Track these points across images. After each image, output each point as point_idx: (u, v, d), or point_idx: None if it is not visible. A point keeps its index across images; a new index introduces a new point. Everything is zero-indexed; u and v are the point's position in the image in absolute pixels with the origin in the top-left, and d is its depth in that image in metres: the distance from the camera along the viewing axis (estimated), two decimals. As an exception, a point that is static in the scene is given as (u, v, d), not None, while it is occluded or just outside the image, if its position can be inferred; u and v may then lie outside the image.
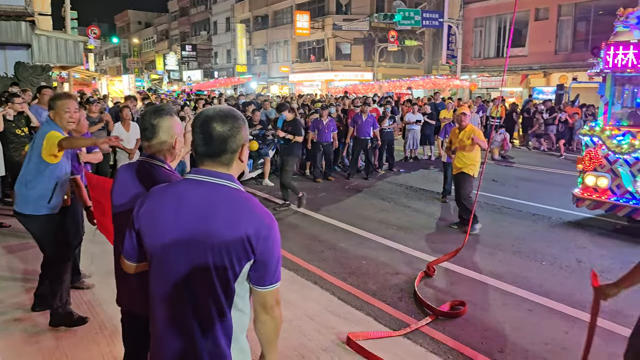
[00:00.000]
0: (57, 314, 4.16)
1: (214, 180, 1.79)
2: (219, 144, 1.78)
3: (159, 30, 65.91)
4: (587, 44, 21.24)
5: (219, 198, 1.76)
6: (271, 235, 1.76)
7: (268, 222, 1.76)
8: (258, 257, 1.75)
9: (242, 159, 1.87)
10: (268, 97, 19.61)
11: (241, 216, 1.74)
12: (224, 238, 1.71)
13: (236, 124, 1.82)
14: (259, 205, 1.81)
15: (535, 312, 4.84)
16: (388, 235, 7.26)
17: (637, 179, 7.09)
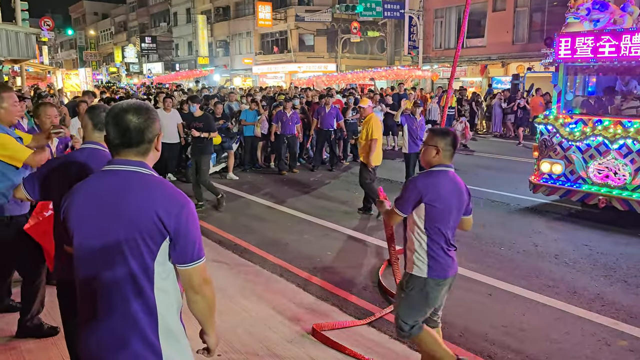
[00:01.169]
0: (26, 327, 3.95)
1: (126, 168, 1.89)
2: (136, 134, 1.88)
3: (116, 22, 64.14)
4: (542, 34, 21.80)
5: (130, 183, 1.86)
6: (183, 213, 1.84)
7: (179, 201, 1.86)
8: (173, 236, 1.83)
9: (157, 148, 1.99)
10: (232, 89, 19.36)
11: (151, 197, 1.83)
12: (135, 219, 1.80)
13: (150, 115, 1.93)
14: (171, 186, 1.91)
15: (495, 296, 5.01)
16: (352, 226, 7.35)
17: (589, 165, 7.38)
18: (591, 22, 7.47)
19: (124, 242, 1.81)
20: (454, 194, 3.24)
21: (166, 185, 1.91)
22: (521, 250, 6.31)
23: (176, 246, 1.85)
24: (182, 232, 1.84)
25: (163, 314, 1.87)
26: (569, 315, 4.62)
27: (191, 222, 1.87)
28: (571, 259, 6.01)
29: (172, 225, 1.82)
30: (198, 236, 1.90)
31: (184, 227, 1.84)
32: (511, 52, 23.77)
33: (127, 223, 1.81)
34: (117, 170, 1.89)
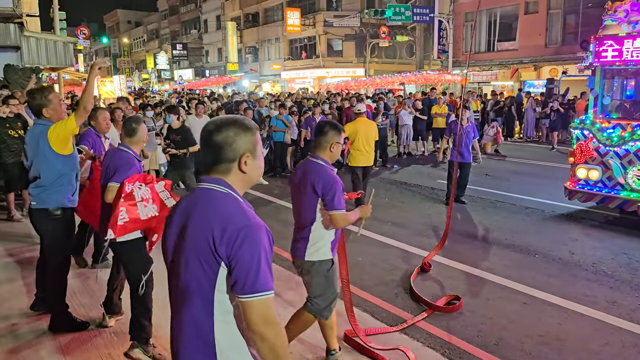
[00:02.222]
0: (59, 319, 4.18)
1: (203, 185, 1.80)
2: (214, 152, 1.78)
3: (149, 30, 65.52)
4: (577, 36, 21.35)
5: (197, 201, 1.77)
6: (238, 235, 1.63)
7: (236, 221, 1.66)
8: (227, 261, 1.65)
9: (243, 170, 1.79)
10: (262, 96, 19.56)
11: (209, 216, 1.69)
12: (194, 240, 1.70)
13: (231, 132, 1.77)
14: (234, 204, 1.73)
15: (530, 305, 4.90)
16: (383, 232, 7.31)
17: (628, 171, 7.17)
18: (629, 24, 7.27)
19: (186, 264, 1.71)
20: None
21: (228, 203, 1.72)
22: (557, 258, 6.17)
23: (231, 273, 1.65)
24: (235, 257, 1.63)
25: (223, 349, 1.70)
26: (608, 325, 4.48)
27: (247, 247, 1.63)
28: (609, 268, 5.84)
29: (224, 249, 1.64)
30: (256, 265, 1.63)
31: (237, 251, 1.63)
32: (544, 55, 23.31)
33: (189, 244, 1.71)
34: (196, 188, 1.82)
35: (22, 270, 5.54)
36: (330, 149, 3.42)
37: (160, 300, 3.73)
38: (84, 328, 4.22)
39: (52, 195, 4.05)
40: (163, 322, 3.01)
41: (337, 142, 3.43)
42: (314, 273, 3.45)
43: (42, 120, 4.11)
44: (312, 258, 3.43)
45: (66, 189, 4.12)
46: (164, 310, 2.16)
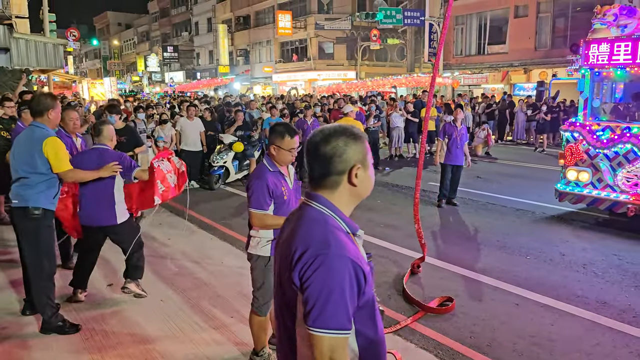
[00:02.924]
0: (50, 322, 4.15)
1: (306, 201, 1.66)
2: (319, 165, 1.63)
3: (139, 32, 65.26)
4: (566, 40, 21.56)
5: (298, 216, 1.65)
6: (314, 260, 1.47)
7: (319, 248, 1.49)
8: (299, 286, 1.50)
9: (353, 182, 1.64)
10: (249, 98, 19.55)
11: (298, 234, 1.57)
12: (283, 259, 1.60)
13: (341, 141, 1.62)
14: (325, 230, 1.55)
15: (522, 306, 4.93)
16: (376, 234, 7.32)
17: (617, 172, 7.24)
18: (618, 27, 7.35)
19: (280, 278, 1.62)
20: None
21: (318, 225, 1.57)
22: (548, 260, 6.21)
23: (302, 299, 1.49)
24: (305, 283, 1.48)
25: None
26: (599, 326, 4.52)
27: (319, 275, 1.46)
28: (600, 269, 5.89)
29: (297, 272, 1.50)
30: (326, 296, 1.44)
31: (308, 278, 1.47)
32: (534, 58, 23.52)
33: (282, 259, 1.62)
34: (301, 203, 1.70)
35: (12, 274, 5.48)
36: (271, 150, 3.45)
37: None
38: (75, 331, 4.20)
39: (36, 194, 4.04)
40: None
41: (275, 145, 3.40)
42: (253, 265, 3.59)
43: (39, 122, 4.12)
44: (252, 251, 3.57)
45: (51, 191, 4.14)
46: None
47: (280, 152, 3.40)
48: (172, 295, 5.03)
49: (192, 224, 7.81)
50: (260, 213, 3.38)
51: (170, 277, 5.47)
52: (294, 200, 3.54)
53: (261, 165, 3.51)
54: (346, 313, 1.46)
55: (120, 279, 5.19)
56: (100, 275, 5.57)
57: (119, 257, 6.02)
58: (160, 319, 4.50)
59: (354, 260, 1.49)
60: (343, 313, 1.46)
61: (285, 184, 3.47)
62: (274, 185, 3.38)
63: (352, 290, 1.47)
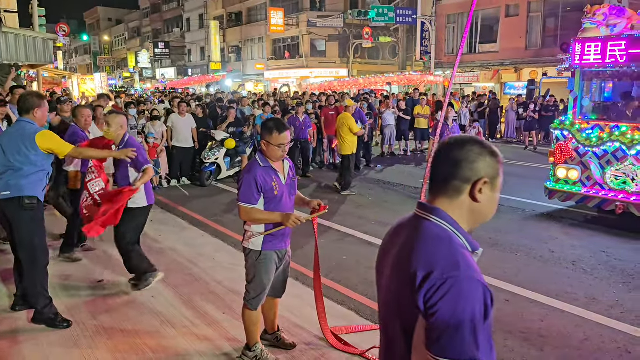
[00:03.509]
0: (43, 313, 4.18)
1: (421, 213, 1.54)
2: (445, 168, 1.50)
3: (130, 28, 64.79)
4: (556, 39, 21.69)
5: (412, 230, 1.52)
6: (443, 287, 1.33)
7: (447, 270, 1.36)
8: (424, 311, 1.36)
9: (475, 198, 1.50)
10: (241, 95, 19.52)
11: (418, 251, 1.43)
12: (396, 278, 1.49)
13: (476, 150, 1.49)
14: (451, 248, 1.42)
15: (512, 302, 4.97)
16: (367, 231, 7.34)
17: (606, 171, 7.32)
18: (608, 27, 7.42)
19: (391, 295, 1.51)
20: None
21: (442, 243, 1.44)
22: (538, 257, 6.27)
23: (427, 326, 1.37)
24: (432, 309, 1.34)
25: None
26: (588, 321, 4.57)
27: (448, 301, 1.32)
28: (589, 266, 5.95)
29: (422, 296, 1.36)
30: (455, 325, 1.32)
31: (436, 303, 1.33)
32: (524, 57, 23.65)
33: (394, 276, 1.50)
34: (414, 213, 1.57)
35: (1, 271, 5.44)
36: (262, 145, 3.49)
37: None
38: (66, 326, 4.18)
39: (31, 185, 4.08)
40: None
41: (265, 140, 3.43)
42: (246, 258, 3.61)
43: (27, 119, 4.17)
44: (245, 244, 3.60)
45: (43, 183, 4.22)
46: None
47: (270, 147, 3.42)
48: (163, 291, 5.02)
49: (183, 220, 7.80)
50: (247, 207, 3.42)
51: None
52: (286, 196, 3.55)
53: (253, 160, 3.54)
54: (475, 342, 1.34)
55: (113, 276, 5.18)
56: (94, 270, 5.55)
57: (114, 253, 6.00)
58: (152, 315, 4.49)
59: (483, 284, 1.37)
60: (472, 342, 1.33)
61: (277, 180, 3.47)
62: (263, 180, 3.40)
63: (481, 316, 1.35)
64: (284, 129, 3.42)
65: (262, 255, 3.54)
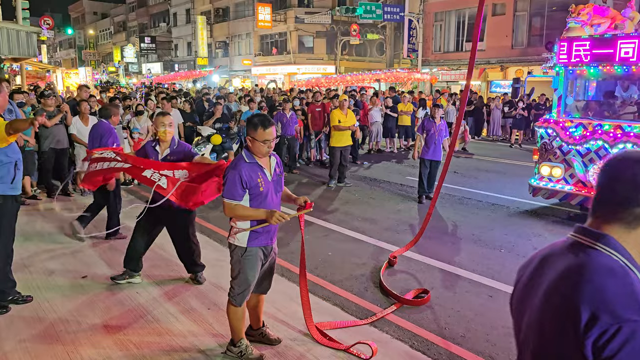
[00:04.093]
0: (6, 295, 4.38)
1: (581, 238, 1.33)
2: (623, 189, 1.27)
3: (115, 22, 64.09)
4: (542, 39, 21.91)
5: (572, 257, 1.30)
6: (619, 335, 1.13)
7: (623, 314, 1.14)
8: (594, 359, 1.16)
9: None
10: (228, 90, 19.42)
11: (581, 286, 1.21)
12: (550, 306, 1.28)
13: None
14: (626, 286, 1.19)
15: (495, 298, 5.03)
16: (353, 227, 7.37)
17: (589, 168, 7.42)
18: (592, 27, 7.51)
19: (536, 330, 1.32)
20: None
21: (614, 278, 1.21)
22: (521, 253, 6.34)
23: None
24: (609, 359, 1.14)
25: None
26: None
27: (631, 351, 1.12)
28: (571, 262, 6.03)
29: (590, 343, 1.16)
30: None
31: (614, 354, 1.13)
32: (510, 56, 23.85)
33: (544, 310, 1.30)
34: (571, 239, 1.37)
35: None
36: (247, 141, 3.48)
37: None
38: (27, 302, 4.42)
39: None
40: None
41: (250, 136, 3.42)
42: (231, 254, 3.61)
43: None
44: (231, 240, 3.59)
45: (7, 177, 4.16)
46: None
47: (255, 143, 3.41)
48: (148, 287, 4.99)
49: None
50: (231, 203, 3.41)
51: (146, 268, 5.41)
52: (272, 193, 3.54)
53: (239, 156, 3.53)
54: None
55: (97, 271, 5.13)
56: (78, 266, 5.50)
57: (99, 250, 5.96)
58: (136, 311, 4.46)
59: None
60: None
61: (262, 176, 3.47)
62: (248, 176, 3.39)
63: None
64: (269, 125, 3.41)
65: (248, 251, 3.53)
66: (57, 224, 7.04)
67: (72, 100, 10.87)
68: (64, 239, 6.42)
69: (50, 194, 8.55)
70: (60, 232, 6.69)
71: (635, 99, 8.11)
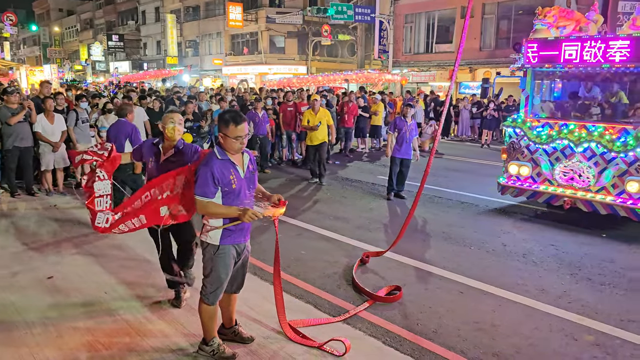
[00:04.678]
0: None
1: None
2: None
3: (82, 19, 62.63)
4: (509, 41, 22.40)
5: None
6: None
7: None
8: None
9: None
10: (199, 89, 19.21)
11: None
12: None
13: None
14: None
15: (466, 294, 5.10)
16: (326, 226, 7.37)
17: (555, 167, 7.60)
18: (558, 29, 7.70)
19: None
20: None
21: None
22: (491, 250, 6.45)
23: None
24: None
25: None
26: (537, 311, 4.74)
27: None
28: (538, 258, 6.17)
29: None
30: None
31: None
32: (478, 58, 24.29)
33: None
34: None
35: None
36: (219, 138, 3.45)
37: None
38: None
39: None
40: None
41: (222, 133, 3.38)
42: (204, 252, 3.56)
43: None
44: (203, 238, 3.55)
45: None
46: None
47: (227, 140, 3.38)
48: (117, 287, 4.88)
49: (138, 216, 7.60)
50: (203, 200, 3.36)
51: (115, 269, 5.30)
52: (245, 190, 3.50)
53: (211, 152, 3.47)
54: None
55: (63, 272, 4.99)
56: (43, 267, 5.35)
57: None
58: (105, 312, 4.36)
59: None
60: None
61: (235, 173, 3.42)
62: (220, 173, 3.34)
63: None
64: (241, 121, 3.37)
65: (220, 249, 3.49)
66: (22, 224, 6.83)
67: (37, 97, 10.56)
68: (28, 239, 6.23)
69: (14, 194, 8.29)
70: (24, 232, 6.49)
71: (599, 99, 8.37)
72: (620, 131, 6.98)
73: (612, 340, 4.23)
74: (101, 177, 3.88)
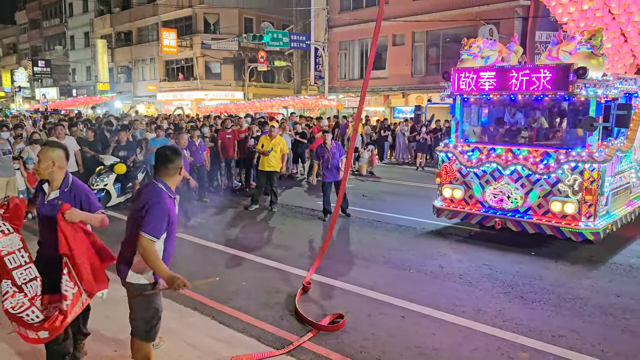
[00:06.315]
0: None
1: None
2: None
3: (5, 44, 59.74)
4: (439, 67, 23.44)
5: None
6: None
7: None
8: None
9: None
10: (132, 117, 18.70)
11: None
12: None
13: None
14: None
15: (407, 318, 5.18)
16: (266, 254, 7.30)
17: (485, 189, 7.95)
18: (482, 58, 8.15)
19: None
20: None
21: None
22: (429, 272, 6.62)
23: None
24: None
25: None
26: (475, 332, 4.89)
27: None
28: (474, 279, 6.39)
29: None
30: None
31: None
32: (410, 83, 25.22)
33: None
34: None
35: None
36: (165, 175, 3.38)
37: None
38: None
39: None
40: None
41: (169, 169, 3.39)
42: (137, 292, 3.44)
43: None
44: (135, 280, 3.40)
45: None
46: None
47: (177, 176, 3.36)
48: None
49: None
50: (153, 240, 3.21)
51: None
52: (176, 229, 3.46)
53: (159, 190, 3.32)
54: None
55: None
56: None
57: None
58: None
59: None
60: None
61: (174, 211, 3.38)
62: (173, 213, 3.30)
63: None
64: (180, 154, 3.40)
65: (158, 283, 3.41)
66: None
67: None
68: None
69: None
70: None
71: (522, 124, 8.88)
72: (543, 154, 7.42)
73: (545, 356, 4.42)
74: (5, 232, 3.37)
